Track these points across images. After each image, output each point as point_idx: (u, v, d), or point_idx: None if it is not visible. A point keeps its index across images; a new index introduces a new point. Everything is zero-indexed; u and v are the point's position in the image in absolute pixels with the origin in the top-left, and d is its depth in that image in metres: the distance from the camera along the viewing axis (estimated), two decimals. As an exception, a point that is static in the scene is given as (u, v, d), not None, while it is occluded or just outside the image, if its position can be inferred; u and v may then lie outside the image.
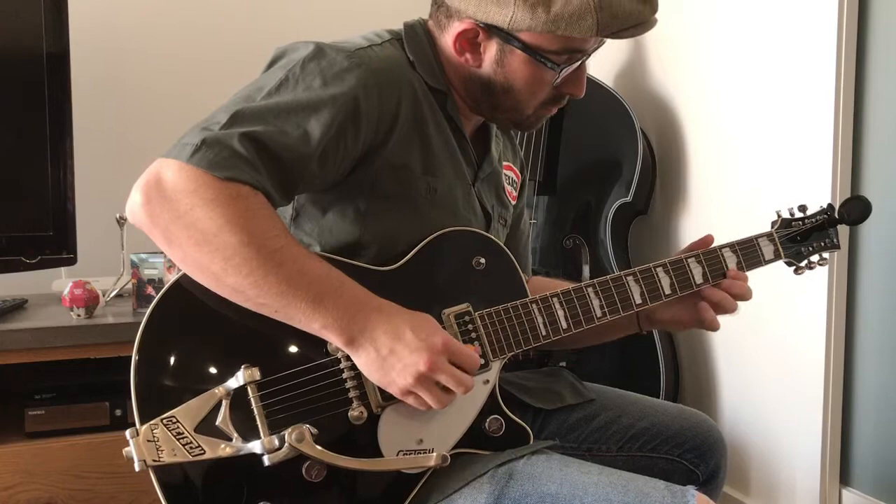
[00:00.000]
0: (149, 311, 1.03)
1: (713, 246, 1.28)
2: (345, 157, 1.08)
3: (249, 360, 1.01)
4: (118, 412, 1.73)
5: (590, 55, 1.17)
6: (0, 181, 1.84)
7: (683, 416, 1.36)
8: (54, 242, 1.88)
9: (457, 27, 1.15)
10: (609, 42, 1.21)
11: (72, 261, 1.91)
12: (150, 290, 1.81)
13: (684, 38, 2.25)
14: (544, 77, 1.16)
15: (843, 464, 1.86)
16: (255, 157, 0.99)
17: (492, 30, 1.13)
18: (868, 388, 1.80)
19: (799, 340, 1.90)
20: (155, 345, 1.02)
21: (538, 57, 1.13)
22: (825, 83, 1.79)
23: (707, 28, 2.17)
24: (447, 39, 1.18)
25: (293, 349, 1.04)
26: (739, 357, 2.11)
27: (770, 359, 2.00)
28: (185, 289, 1.03)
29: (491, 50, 1.16)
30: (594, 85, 2.28)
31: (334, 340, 1.01)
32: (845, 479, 1.86)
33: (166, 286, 1.04)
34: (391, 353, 1.00)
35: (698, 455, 1.33)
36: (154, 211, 0.97)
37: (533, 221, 2.32)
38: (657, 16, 1.16)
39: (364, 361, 1.01)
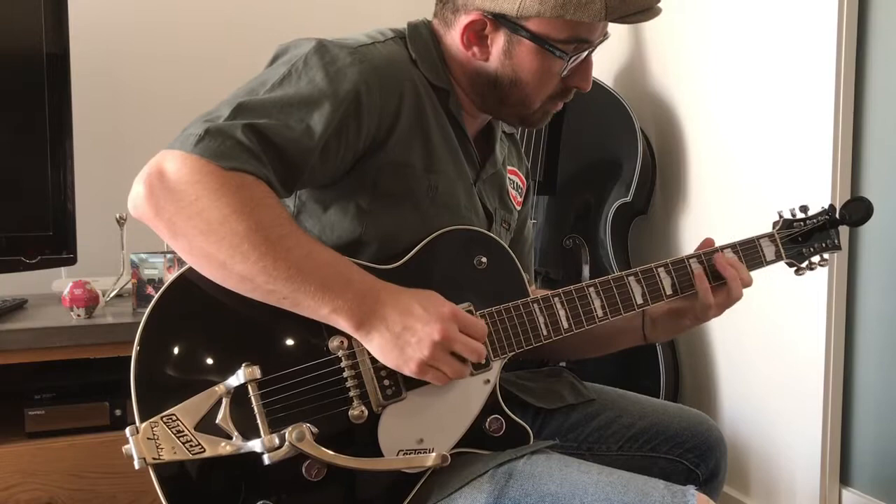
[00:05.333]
0: (149, 309, 1.03)
1: (715, 246, 1.28)
2: (346, 153, 1.08)
3: (250, 358, 1.01)
4: (118, 412, 1.73)
5: (596, 47, 1.17)
6: (0, 181, 1.84)
7: (683, 415, 1.36)
8: (54, 242, 1.88)
9: (464, 20, 1.16)
10: (610, 41, 1.21)
11: (72, 261, 1.91)
12: (150, 290, 1.81)
13: (684, 38, 2.25)
14: (552, 68, 1.16)
15: (843, 464, 1.86)
16: (259, 148, 0.99)
17: (500, 20, 1.13)
18: (868, 388, 1.80)
19: (799, 340, 1.90)
20: (155, 342, 1.02)
21: (546, 46, 1.13)
22: (825, 83, 1.79)
23: (707, 28, 2.17)
24: (454, 35, 1.18)
25: (294, 347, 1.04)
26: (739, 357, 2.11)
27: (770, 359, 2.00)
28: (186, 287, 1.03)
29: (498, 42, 1.16)
30: (594, 85, 2.28)
31: (343, 325, 1.01)
32: (845, 479, 1.86)
33: (166, 285, 1.04)
34: (405, 329, 1.01)
35: (698, 455, 1.33)
36: (158, 202, 0.97)
37: (533, 221, 2.32)
38: (661, 8, 1.16)
39: (378, 343, 1.01)
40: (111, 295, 1.96)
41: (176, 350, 1.02)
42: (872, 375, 1.79)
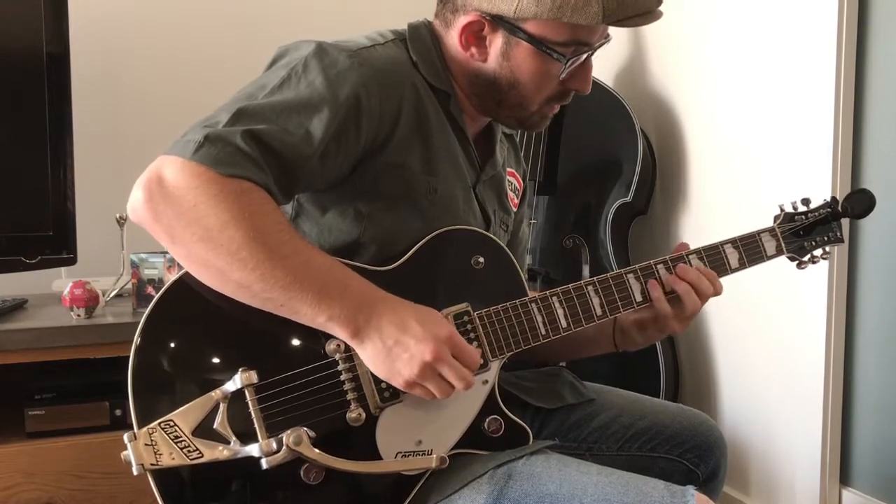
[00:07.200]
0: (145, 314, 1.03)
1: (715, 242, 1.27)
2: (346, 157, 1.08)
3: (247, 362, 1.01)
4: (118, 412, 1.73)
5: (595, 50, 1.17)
6: (0, 181, 1.84)
7: (683, 415, 1.36)
8: (54, 242, 1.88)
9: (462, 21, 1.15)
10: (609, 41, 1.20)
11: (72, 261, 1.91)
12: (150, 290, 1.81)
13: (684, 38, 2.25)
14: (550, 70, 1.16)
15: (843, 464, 1.86)
16: (259, 154, 0.99)
17: (497, 21, 1.13)
18: (868, 388, 1.80)
19: (799, 340, 1.90)
20: (152, 347, 1.02)
21: (544, 48, 1.13)
22: (825, 83, 1.79)
23: (707, 28, 2.17)
24: (453, 35, 1.18)
25: (291, 352, 1.04)
26: (739, 357, 2.11)
27: (770, 359, 2.00)
28: (182, 291, 1.03)
29: (496, 43, 1.15)
30: (594, 85, 2.28)
31: (340, 333, 1.01)
32: (845, 479, 1.86)
33: (163, 289, 1.04)
34: (397, 344, 1.00)
35: (698, 455, 1.33)
36: (157, 208, 0.97)
37: (533, 221, 2.32)
38: (662, 12, 1.15)
39: (370, 353, 1.01)
40: (111, 295, 1.96)
41: (173, 355, 1.02)
42: (872, 375, 1.79)
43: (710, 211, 2.20)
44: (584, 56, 1.16)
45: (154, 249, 1.79)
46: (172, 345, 1.03)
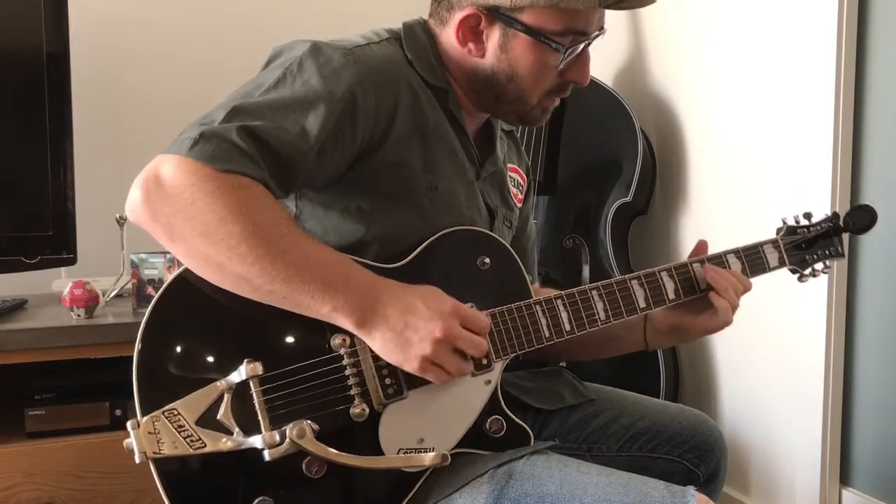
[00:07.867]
0: (152, 303, 1.03)
1: (718, 251, 1.28)
2: (342, 154, 1.08)
3: (252, 354, 1.01)
4: (118, 412, 1.73)
5: (592, 40, 1.17)
6: (0, 181, 1.84)
7: (684, 415, 1.36)
8: (54, 242, 1.88)
9: (458, 16, 1.15)
10: (609, 41, 1.21)
11: (72, 261, 1.91)
12: (150, 290, 1.81)
13: (684, 38, 2.25)
14: (548, 61, 1.16)
15: (843, 464, 1.86)
16: (254, 150, 0.99)
17: (494, 14, 1.13)
18: (868, 388, 1.80)
19: (799, 340, 1.90)
20: (158, 337, 1.02)
21: (542, 38, 1.13)
22: (825, 83, 1.79)
23: (707, 28, 2.17)
24: (449, 32, 1.18)
25: (296, 345, 1.04)
26: (739, 357, 2.11)
27: (770, 359, 2.00)
28: (189, 283, 1.03)
29: (494, 37, 1.15)
30: (594, 85, 2.28)
31: (345, 323, 1.01)
32: (845, 479, 1.86)
33: (169, 280, 1.04)
34: (406, 327, 1.00)
35: (698, 455, 1.33)
36: (155, 206, 0.97)
37: (533, 221, 2.32)
38: (660, 9, 1.16)
39: (380, 342, 1.01)
40: (111, 295, 1.96)
41: (178, 345, 1.02)
42: (872, 375, 1.79)
43: (710, 211, 2.20)
44: (581, 46, 1.16)
45: (154, 249, 1.79)
46: (178, 335, 1.03)
